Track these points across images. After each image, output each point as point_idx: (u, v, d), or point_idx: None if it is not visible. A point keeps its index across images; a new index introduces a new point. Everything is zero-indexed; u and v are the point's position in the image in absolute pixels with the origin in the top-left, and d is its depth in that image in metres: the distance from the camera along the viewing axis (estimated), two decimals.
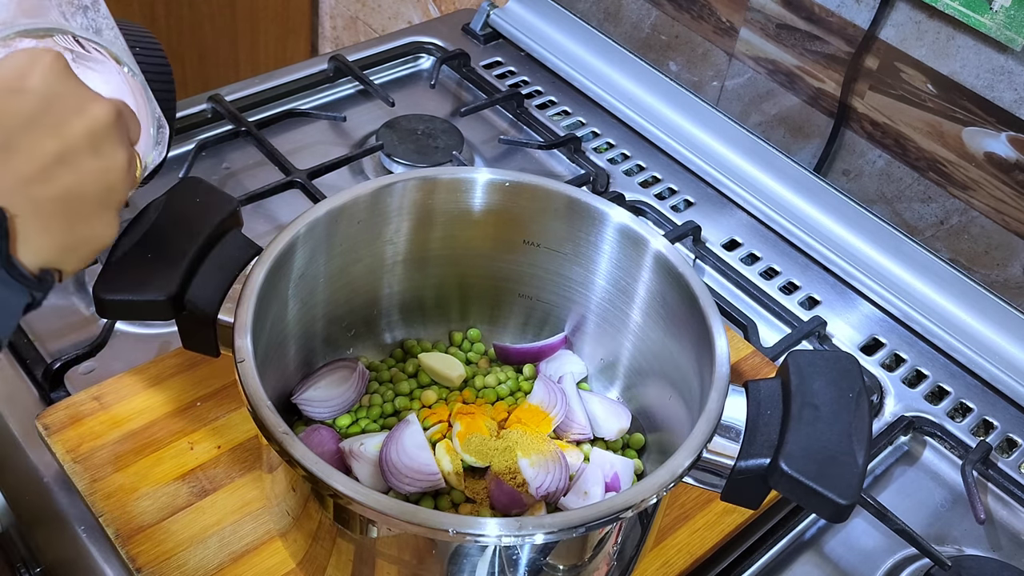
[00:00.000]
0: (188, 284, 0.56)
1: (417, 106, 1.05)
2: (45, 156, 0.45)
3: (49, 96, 0.47)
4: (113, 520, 0.62)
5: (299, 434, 0.65)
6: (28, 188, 0.44)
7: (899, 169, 0.94)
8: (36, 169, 0.45)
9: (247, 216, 0.67)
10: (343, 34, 1.63)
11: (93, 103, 0.48)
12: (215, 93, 1.00)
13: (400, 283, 0.71)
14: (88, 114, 0.48)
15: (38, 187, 0.45)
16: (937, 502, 0.75)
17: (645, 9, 1.10)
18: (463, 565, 0.52)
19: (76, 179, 0.47)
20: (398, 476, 0.61)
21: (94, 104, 0.48)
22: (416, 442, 0.62)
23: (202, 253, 0.57)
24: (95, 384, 0.69)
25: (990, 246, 0.89)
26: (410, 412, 0.66)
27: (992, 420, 0.81)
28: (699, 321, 0.59)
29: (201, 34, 1.51)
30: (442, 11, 1.39)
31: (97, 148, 0.48)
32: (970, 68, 0.85)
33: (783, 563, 0.69)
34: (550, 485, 0.61)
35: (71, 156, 0.46)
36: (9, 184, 0.44)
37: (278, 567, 0.61)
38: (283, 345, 0.64)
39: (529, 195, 0.67)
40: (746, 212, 0.96)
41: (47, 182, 0.45)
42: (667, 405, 0.65)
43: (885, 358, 0.85)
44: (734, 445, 0.53)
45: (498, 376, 0.71)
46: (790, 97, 1.01)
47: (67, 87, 0.48)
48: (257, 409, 0.51)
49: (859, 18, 0.91)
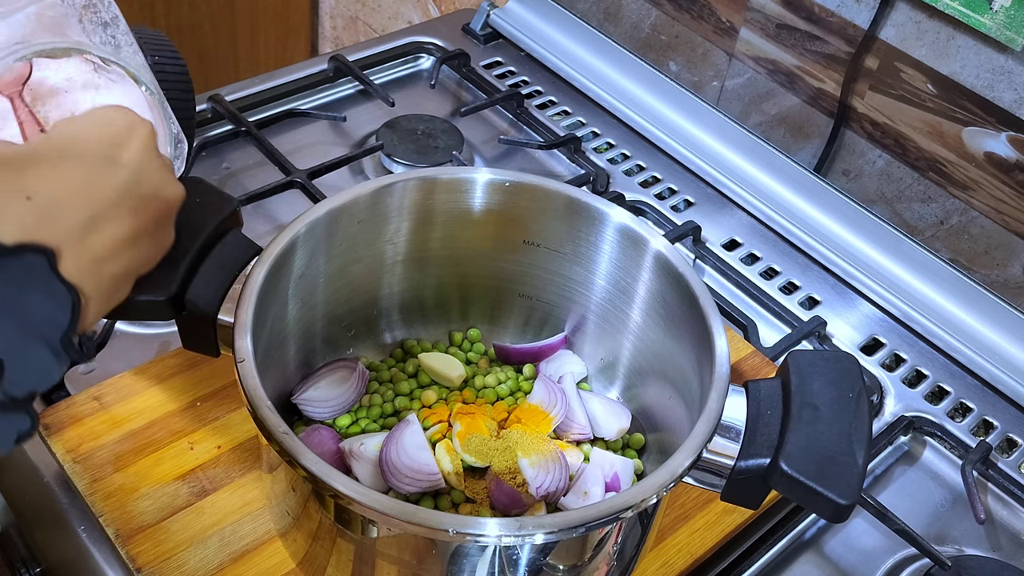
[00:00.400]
0: (188, 284, 0.56)
1: (417, 106, 1.05)
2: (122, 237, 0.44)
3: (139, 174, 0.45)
4: (113, 520, 0.62)
5: (299, 434, 0.65)
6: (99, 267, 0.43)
7: (899, 169, 0.94)
8: (111, 249, 0.43)
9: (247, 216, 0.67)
10: (343, 34, 1.63)
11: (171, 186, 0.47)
12: (215, 93, 1.00)
13: (400, 283, 0.71)
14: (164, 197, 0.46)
15: (107, 266, 0.43)
16: (937, 502, 0.75)
17: (645, 9, 1.10)
18: (463, 565, 0.52)
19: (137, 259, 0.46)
20: (398, 476, 0.61)
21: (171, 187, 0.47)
22: (416, 442, 0.62)
23: (202, 253, 0.57)
24: (95, 384, 0.69)
25: (990, 246, 0.89)
26: (410, 412, 0.66)
27: (992, 420, 0.81)
28: (699, 321, 0.59)
29: (201, 34, 1.51)
30: (442, 11, 1.39)
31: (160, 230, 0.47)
32: (970, 68, 0.85)
33: (783, 563, 0.69)
34: (550, 485, 0.61)
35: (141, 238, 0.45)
36: (86, 263, 0.42)
37: (278, 567, 0.61)
38: (283, 345, 0.64)
39: (529, 195, 0.67)
40: (746, 212, 0.96)
41: (115, 262, 0.44)
42: (667, 405, 0.65)
43: (885, 358, 0.85)
44: (734, 445, 0.53)
45: (498, 376, 0.71)
46: (790, 97, 1.01)
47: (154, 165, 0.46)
48: (257, 409, 0.51)
49: (859, 18, 0.91)
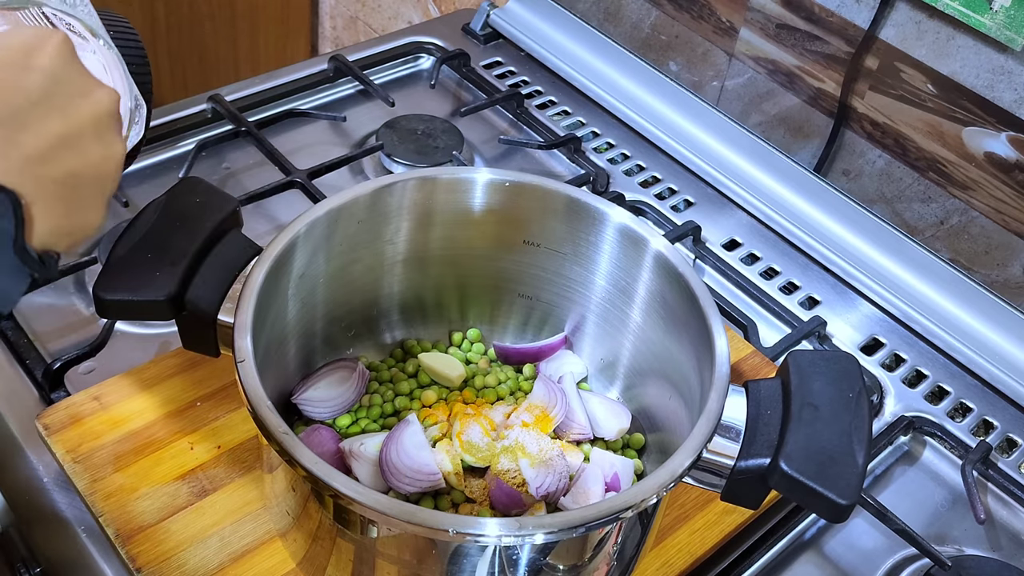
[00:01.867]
0: (188, 284, 0.56)
1: (417, 106, 1.05)
2: (52, 136, 0.44)
3: (56, 76, 0.46)
4: (113, 520, 0.62)
5: (299, 434, 0.65)
6: (34, 168, 0.43)
7: (899, 169, 0.94)
8: (43, 149, 0.44)
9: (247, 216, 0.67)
10: (343, 34, 1.63)
11: (99, 88, 0.48)
12: (215, 93, 1.00)
13: (400, 283, 0.71)
14: (93, 99, 0.47)
15: (43, 167, 0.44)
16: (937, 502, 0.75)
17: (645, 9, 1.10)
18: (463, 565, 0.52)
19: (79, 163, 0.46)
20: (398, 476, 0.61)
21: (99, 90, 0.48)
22: (416, 442, 0.62)
23: (202, 253, 0.57)
24: (95, 384, 0.69)
25: (990, 246, 0.89)
26: (410, 412, 0.66)
27: (992, 420, 0.81)
28: (699, 321, 0.59)
29: (201, 34, 1.51)
30: (442, 11, 1.39)
31: (100, 134, 0.47)
32: (970, 68, 0.85)
33: (783, 563, 0.69)
34: (550, 485, 0.61)
35: (76, 139, 0.46)
36: (16, 163, 0.43)
37: (278, 567, 0.61)
38: (283, 345, 0.64)
39: (529, 195, 0.67)
40: (746, 212, 0.96)
41: (52, 163, 0.44)
42: (667, 405, 0.65)
43: (885, 358, 0.85)
44: (734, 445, 0.53)
45: (498, 376, 0.71)
46: (790, 97, 1.01)
47: (73, 70, 0.47)
48: (257, 409, 0.51)
49: (859, 18, 0.91)
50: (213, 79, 1.56)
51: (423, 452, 0.62)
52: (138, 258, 0.56)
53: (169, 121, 0.97)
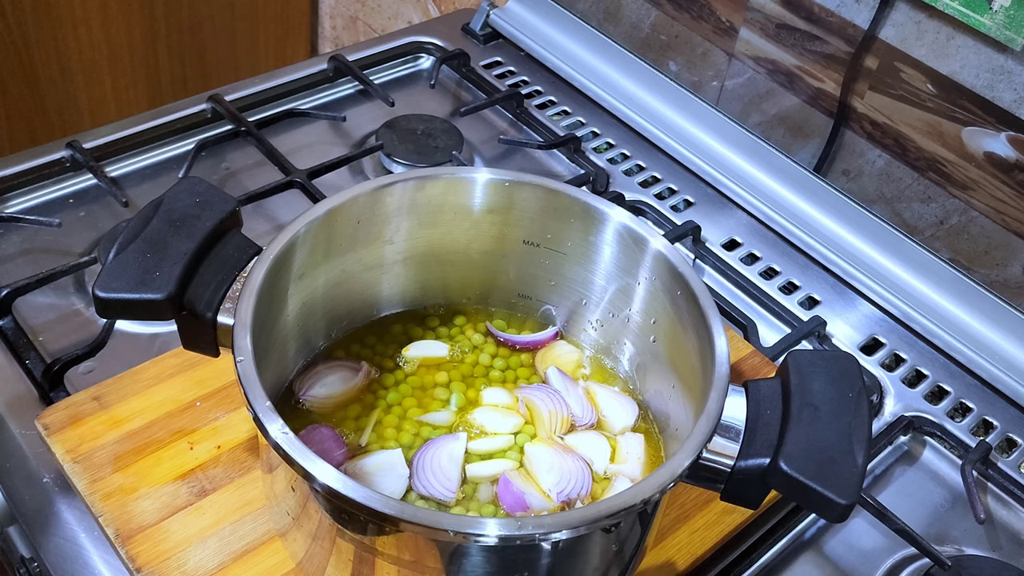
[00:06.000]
0: (188, 284, 0.56)
1: (417, 106, 1.05)
2: None
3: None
4: (113, 520, 0.62)
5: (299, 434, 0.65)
6: None
7: (899, 169, 0.94)
8: None
9: (247, 216, 0.67)
10: (343, 34, 1.63)
11: None
12: (215, 93, 1.00)
13: (400, 283, 0.71)
14: None
15: None
16: (937, 502, 0.75)
17: (645, 9, 1.10)
18: (463, 565, 0.52)
19: None
20: (419, 475, 0.62)
21: None
22: (452, 454, 0.62)
23: (202, 253, 0.57)
24: (95, 384, 0.69)
25: (990, 246, 0.89)
26: (460, 430, 0.66)
27: (992, 420, 0.81)
28: (699, 321, 0.59)
29: (201, 34, 1.51)
30: (442, 11, 1.39)
31: None
32: (970, 68, 0.85)
33: (783, 563, 0.69)
34: (571, 492, 0.61)
35: None
36: None
37: (278, 567, 0.61)
38: (283, 345, 0.64)
39: (529, 195, 0.67)
40: (746, 212, 0.96)
41: None
42: (667, 405, 0.65)
43: (885, 358, 0.85)
44: (734, 445, 0.53)
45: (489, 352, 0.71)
46: (790, 97, 1.01)
47: None
48: (256, 409, 0.51)
49: (859, 18, 0.91)
50: (213, 79, 1.56)
51: (453, 467, 0.62)
52: (138, 258, 0.56)
53: (169, 121, 0.97)
